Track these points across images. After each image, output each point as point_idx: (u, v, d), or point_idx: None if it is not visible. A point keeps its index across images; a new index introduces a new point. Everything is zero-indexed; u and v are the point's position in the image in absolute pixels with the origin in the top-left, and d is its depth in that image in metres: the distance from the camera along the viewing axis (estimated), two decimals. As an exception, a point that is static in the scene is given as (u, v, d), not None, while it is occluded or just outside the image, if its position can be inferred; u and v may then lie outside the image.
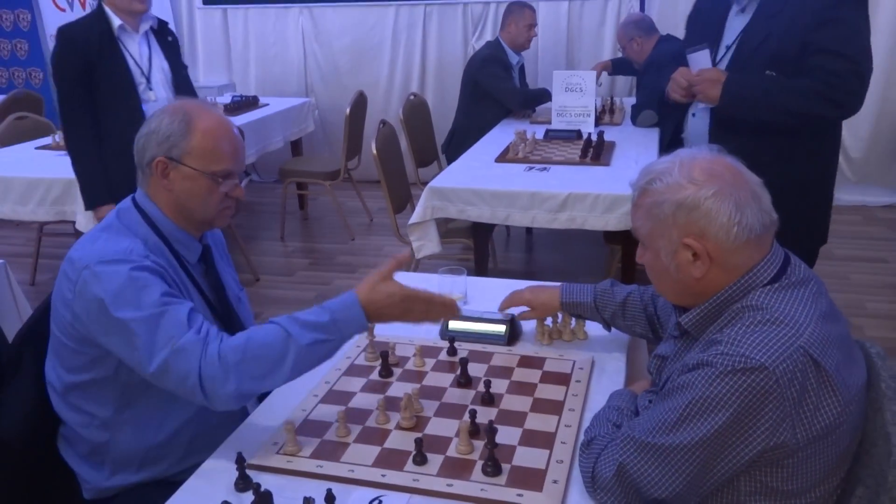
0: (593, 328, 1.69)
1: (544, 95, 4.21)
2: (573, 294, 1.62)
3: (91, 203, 2.78)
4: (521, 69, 4.40)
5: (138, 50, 2.76)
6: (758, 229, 1.11)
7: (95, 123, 2.68)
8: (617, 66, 4.50)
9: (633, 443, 1.11)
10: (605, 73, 4.50)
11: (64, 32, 2.65)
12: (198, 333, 1.28)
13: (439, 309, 1.38)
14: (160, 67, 2.82)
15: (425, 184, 3.00)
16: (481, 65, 4.10)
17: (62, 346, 1.39)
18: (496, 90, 4.09)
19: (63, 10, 5.95)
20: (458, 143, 4.02)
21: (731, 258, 1.12)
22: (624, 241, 2.93)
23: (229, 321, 1.54)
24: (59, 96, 2.69)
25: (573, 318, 1.68)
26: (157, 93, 2.79)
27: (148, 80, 2.77)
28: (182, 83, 2.90)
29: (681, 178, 1.13)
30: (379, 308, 1.31)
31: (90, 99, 2.66)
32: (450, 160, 3.80)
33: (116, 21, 2.69)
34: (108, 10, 2.69)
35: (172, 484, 1.25)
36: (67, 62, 2.63)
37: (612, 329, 1.64)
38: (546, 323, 1.68)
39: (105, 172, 2.71)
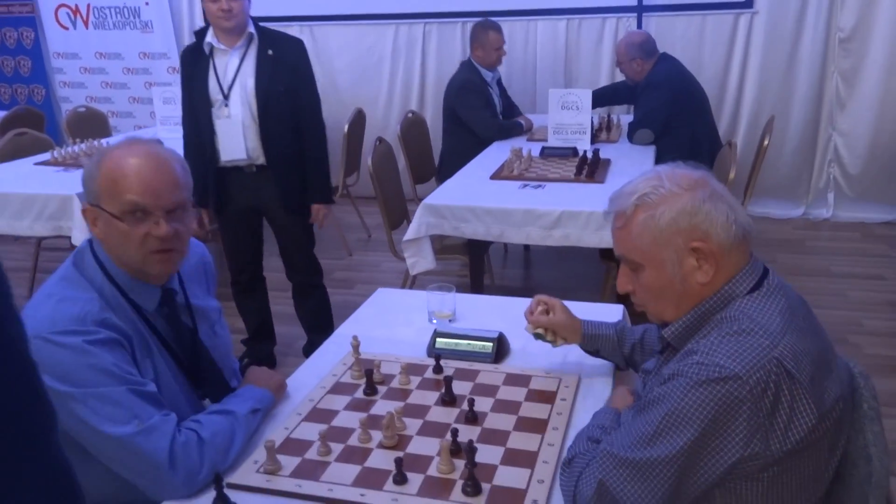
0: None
1: (515, 129, 4.21)
2: (595, 326, 1.58)
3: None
4: (499, 82, 4.44)
5: (225, 66, 2.74)
6: (747, 227, 1.15)
7: (193, 134, 2.87)
8: (596, 100, 4.19)
9: (610, 458, 1.11)
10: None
11: (187, 45, 2.85)
12: (166, 416, 1.26)
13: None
14: (243, 84, 2.73)
15: (422, 200, 3.01)
16: (457, 93, 4.15)
17: None
18: (470, 120, 4.13)
19: (66, 29, 6.02)
20: (447, 168, 4.05)
21: (729, 259, 1.14)
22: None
23: (196, 369, 1.47)
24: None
25: None
26: (232, 110, 2.75)
27: (226, 97, 2.75)
28: (274, 100, 2.74)
29: (674, 188, 1.14)
30: (263, 382, 1.50)
31: (189, 110, 2.86)
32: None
33: (210, 36, 2.74)
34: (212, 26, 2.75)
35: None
36: (180, 73, 2.90)
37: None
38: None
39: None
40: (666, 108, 3.86)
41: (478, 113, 4.10)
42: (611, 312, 1.91)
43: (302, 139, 2.85)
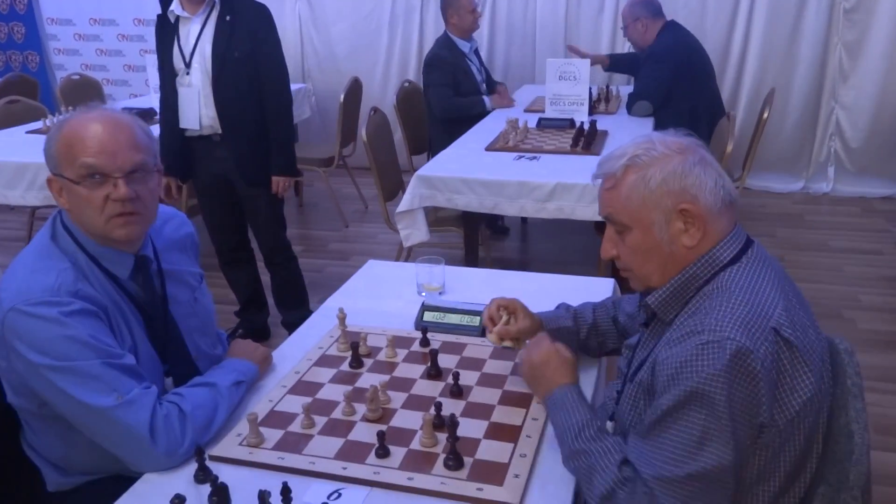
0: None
1: (475, 107, 4.03)
2: (554, 320, 1.52)
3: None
4: (477, 52, 4.31)
5: (188, 33, 2.70)
6: (733, 194, 1.15)
7: (164, 102, 2.85)
8: (614, 63, 4.39)
9: (663, 484, 1.04)
10: (599, 68, 4.46)
11: (158, 14, 2.79)
12: (147, 388, 1.25)
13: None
14: (202, 52, 2.69)
15: (416, 171, 2.98)
16: (424, 70, 4.09)
17: (0, 361, 1.32)
18: (430, 97, 4.03)
19: (60, -7, 5.93)
20: (436, 143, 4.00)
21: (715, 224, 1.13)
22: (613, 232, 2.91)
23: (166, 342, 1.44)
24: None
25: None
26: (192, 78, 2.72)
27: (187, 65, 2.72)
28: (230, 67, 2.67)
29: (665, 150, 1.14)
30: (248, 355, 1.52)
31: (161, 79, 2.84)
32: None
33: (174, 4, 2.69)
34: None
35: (132, 478, 1.24)
36: (155, 42, 2.87)
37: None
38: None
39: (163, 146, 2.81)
40: (667, 82, 3.80)
41: (436, 90, 4.00)
42: (601, 286, 1.90)
43: (263, 108, 2.76)
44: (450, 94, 4.02)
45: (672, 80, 3.79)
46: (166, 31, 2.76)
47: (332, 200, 4.71)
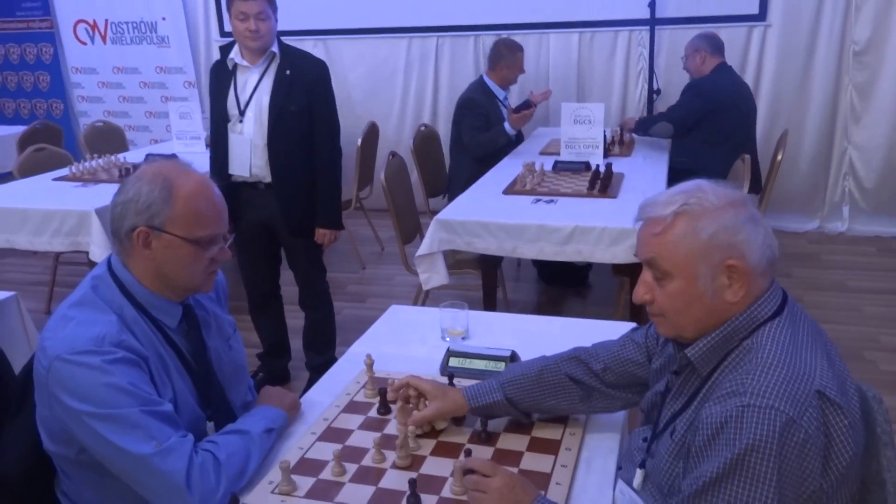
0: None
1: (499, 138, 4.06)
2: (479, 395, 1.44)
3: None
4: (507, 100, 4.45)
5: (245, 82, 2.78)
6: (777, 253, 1.16)
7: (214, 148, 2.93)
8: (640, 125, 4.35)
9: None
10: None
11: (216, 60, 2.90)
12: (184, 437, 1.28)
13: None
14: (258, 102, 2.75)
15: (435, 213, 3.03)
16: (458, 111, 4.19)
17: (41, 412, 1.36)
18: (466, 138, 4.12)
19: (84, 44, 6.11)
20: (455, 185, 4.09)
21: (759, 282, 1.13)
22: (632, 273, 2.93)
23: (207, 384, 1.49)
24: None
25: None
26: (245, 126, 2.79)
27: (241, 113, 2.79)
28: (286, 119, 2.74)
29: (718, 202, 1.13)
30: (277, 400, 1.53)
31: (213, 124, 2.93)
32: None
33: (234, 53, 2.79)
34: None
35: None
36: (209, 87, 2.95)
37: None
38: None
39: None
40: (694, 113, 3.97)
41: (469, 133, 4.11)
42: (624, 331, 1.90)
43: (313, 161, 2.84)
44: (478, 134, 4.12)
45: (700, 113, 3.94)
46: (222, 77, 2.83)
47: (349, 243, 4.76)
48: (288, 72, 2.75)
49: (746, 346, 1.11)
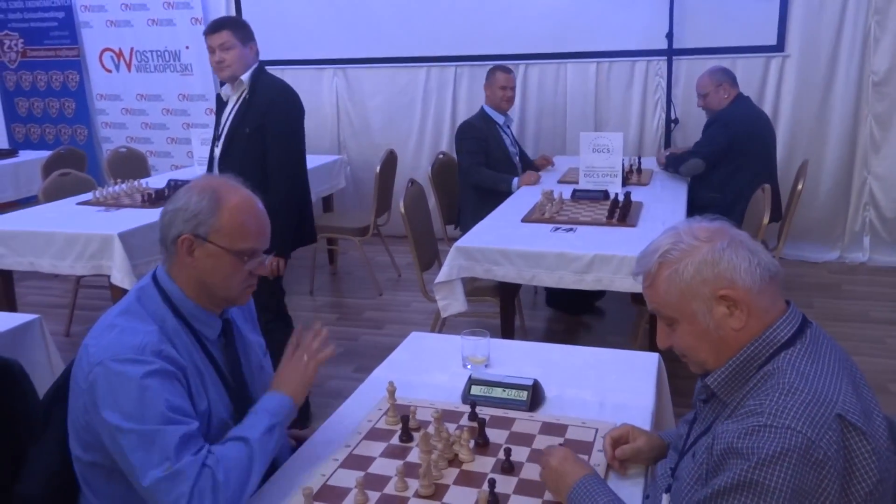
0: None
1: (499, 184, 4.08)
2: (671, 434, 1.47)
3: None
4: (510, 126, 4.50)
5: (226, 112, 2.98)
6: (773, 269, 1.16)
7: None
8: (671, 163, 4.27)
9: None
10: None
11: None
12: (194, 456, 1.29)
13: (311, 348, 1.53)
14: (227, 128, 2.94)
15: (453, 240, 3.03)
16: (457, 137, 4.28)
17: (75, 420, 1.40)
18: (461, 163, 4.20)
19: (110, 72, 6.23)
20: (462, 215, 4.12)
21: (760, 301, 1.15)
22: (651, 303, 2.91)
23: (241, 397, 1.52)
24: None
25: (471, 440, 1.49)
26: (216, 151, 3.00)
27: (217, 138, 3.02)
28: (238, 141, 2.86)
29: (692, 241, 1.18)
30: (287, 383, 1.50)
31: None
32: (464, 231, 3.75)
33: (226, 86, 3.00)
34: None
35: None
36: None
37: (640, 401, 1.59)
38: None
39: None
40: (722, 147, 3.95)
41: (465, 157, 4.17)
42: (645, 361, 1.90)
43: (267, 185, 2.79)
44: (479, 162, 4.16)
45: (727, 146, 3.92)
46: (218, 107, 3.10)
47: (366, 269, 4.78)
48: (247, 95, 2.91)
49: (767, 371, 1.12)
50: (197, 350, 1.44)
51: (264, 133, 2.85)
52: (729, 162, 3.96)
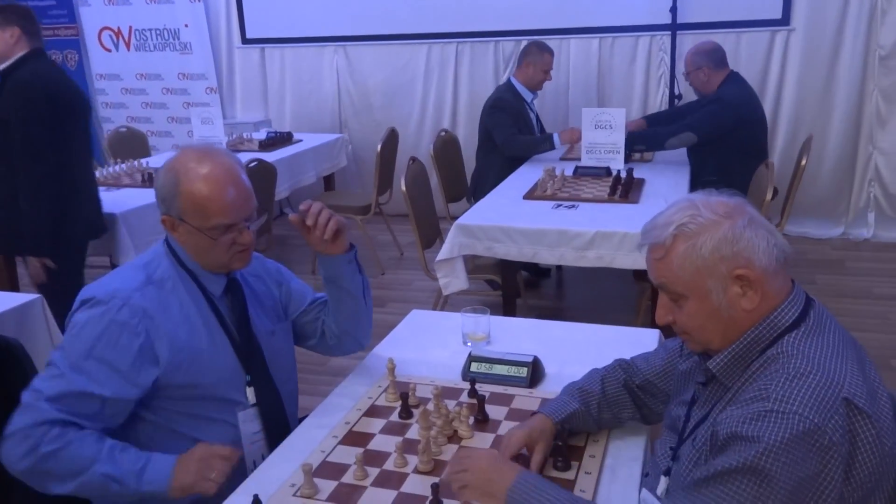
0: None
1: (543, 143, 4.04)
2: (559, 409, 1.42)
3: None
4: (533, 104, 4.41)
5: None
6: (787, 250, 1.14)
7: None
8: (652, 124, 4.30)
9: None
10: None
11: None
12: (58, 411, 1.32)
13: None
14: None
15: (455, 218, 3.02)
16: (489, 112, 4.14)
17: None
18: (497, 138, 4.07)
19: (109, 51, 6.19)
20: (481, 187, 4.04)
21: (773, 283, 1.12)
22: (653, 280, 2.90)
23: (250, 355, 1.55)
24: None
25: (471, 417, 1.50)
26: None
27: None
28: None
29: (711, 216, 1.13)
30: (184, 474, 1.36)
31: None
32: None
33: None
34: None
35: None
36: None
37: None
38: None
39: None
40: (725, 128, 3.77)
41: (502, 131, 4.05)
42: (646, 337, 1.89)
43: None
44: (516, 133, 4.07)
45: (730, 127, 3.74)
46: None
47: (368, 248, 4.77)
48: None
49: (771, 355, 1.10)
50: (202, 302, 1.50)
51: (6, 123, 2.64)
52: (734, 144, 3.82)
